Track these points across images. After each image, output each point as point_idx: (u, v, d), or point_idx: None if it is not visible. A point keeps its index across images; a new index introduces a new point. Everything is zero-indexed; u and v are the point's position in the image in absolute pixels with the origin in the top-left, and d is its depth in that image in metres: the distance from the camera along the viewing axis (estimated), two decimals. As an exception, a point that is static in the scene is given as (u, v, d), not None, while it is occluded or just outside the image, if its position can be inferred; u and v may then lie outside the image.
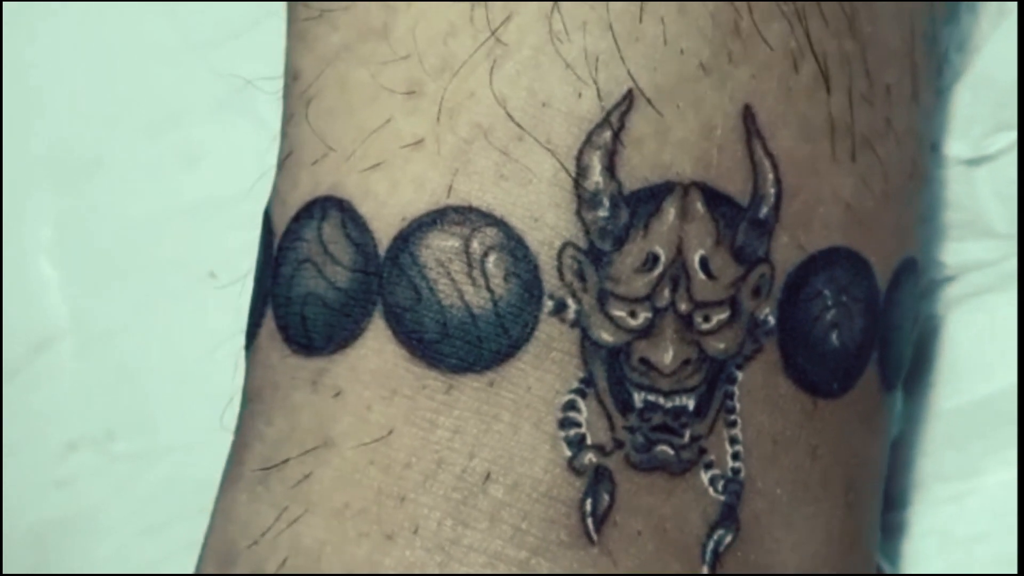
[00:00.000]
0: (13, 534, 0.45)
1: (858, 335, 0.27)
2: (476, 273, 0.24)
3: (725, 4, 0.25)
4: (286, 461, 0.25)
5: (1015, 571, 0.30)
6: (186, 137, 0.44)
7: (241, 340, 0.45)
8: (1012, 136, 0.30)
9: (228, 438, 0.45)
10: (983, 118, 0.30)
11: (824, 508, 0.27)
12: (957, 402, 0.32)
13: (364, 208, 0.25)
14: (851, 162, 0.26)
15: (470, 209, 0.24)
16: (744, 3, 0.25)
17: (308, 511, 0.25)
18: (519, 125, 0.24)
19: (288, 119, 0.27)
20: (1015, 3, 0.30)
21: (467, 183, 0.24)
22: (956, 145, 0.30)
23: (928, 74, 0.28)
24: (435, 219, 0.24)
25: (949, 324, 0.32)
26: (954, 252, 0.31)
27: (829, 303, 0.26)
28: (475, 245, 0.24)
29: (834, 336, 0.26)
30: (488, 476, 0.24)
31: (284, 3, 0.28)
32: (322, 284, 0.25)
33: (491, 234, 0.24)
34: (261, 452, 0.26)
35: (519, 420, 0.24)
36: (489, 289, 0.24)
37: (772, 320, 0.25)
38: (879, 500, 0.29)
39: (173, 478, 0.43)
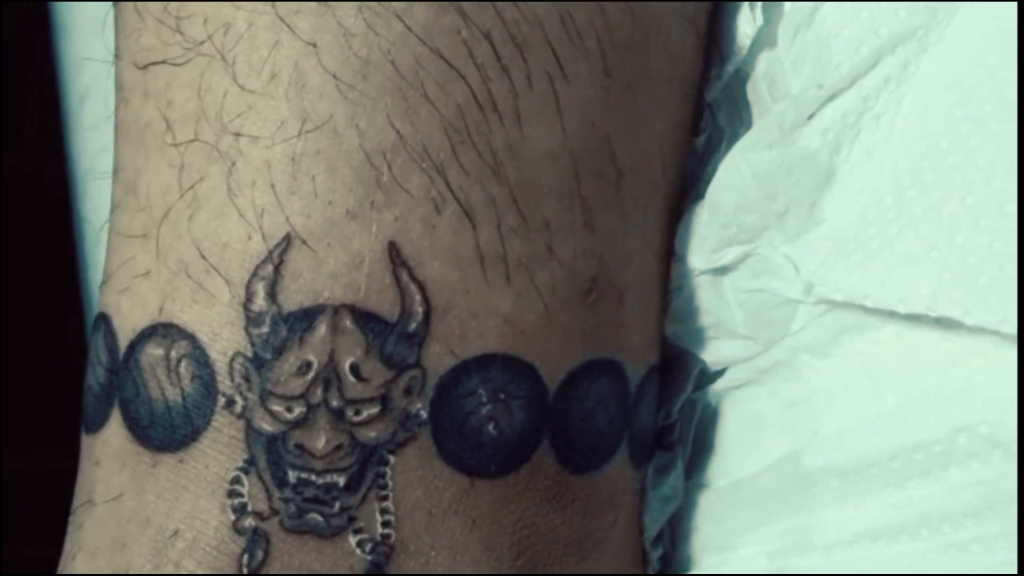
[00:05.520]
0: None
1: (519, 426, 0.31)
2: (172, 375, 0.32)
3: (366, 163, 0.30)
4: (74, 512, 0.34)
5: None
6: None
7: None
8: (738, 250, 0.34)
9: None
10: (713, 235, 0.34)
11: (484, 569, 0.32)
12: (724, 481, 0.35)
13: (116, 322, 0.33)
14: (506, 283, 0.31)
15: (171, 326, 0.32)
16: (384, 161, 0.30)
17: (79, 551, 0.33)
18: (208, 261, 0.31)
19: None
20: (739, 140, 0.34)
21: (172, 305, 0.32)
22: (695, 258, 0.34)
23: (607, 203, 0.32)
24: (150, 332, 0.32)
25: (722, 411, 0.36)
26: (714, 350, 0.35)
27: (484, 400, 0.31)
28: (173, 353, 0.32)
29: (491, 427, 0.31)
30: (176, 532, 0.31)
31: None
32: (93, 380, 0.33)
33: (184, 345, 0.31)
34: (74, 503, 0.34)
35: (200, 490, 0.31)
36: (180, 388, 0.31)
37: (424, 414, 0.31)
38: (582, 566, 0.33)
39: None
